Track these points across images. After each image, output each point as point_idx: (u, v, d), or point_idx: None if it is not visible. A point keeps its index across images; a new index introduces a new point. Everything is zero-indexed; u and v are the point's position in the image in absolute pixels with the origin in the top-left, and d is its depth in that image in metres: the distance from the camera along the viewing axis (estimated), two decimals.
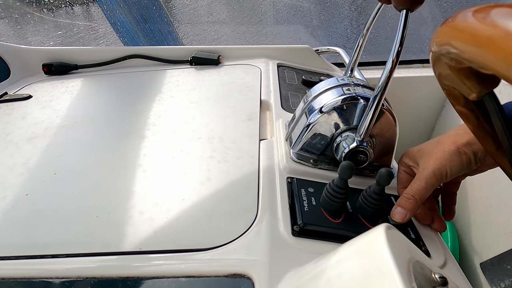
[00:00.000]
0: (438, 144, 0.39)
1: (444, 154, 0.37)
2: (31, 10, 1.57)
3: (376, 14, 0.45)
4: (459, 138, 0.37)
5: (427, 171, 0.37)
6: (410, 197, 0.37)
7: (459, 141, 0.37)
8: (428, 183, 0.37)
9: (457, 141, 0.37)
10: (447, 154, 0.37)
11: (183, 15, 1.73)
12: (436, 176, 0.37)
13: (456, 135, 0.38)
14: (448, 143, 0.37)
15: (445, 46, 0.20)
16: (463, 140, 0.37)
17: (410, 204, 0.37)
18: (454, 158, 0.36)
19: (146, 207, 0.41)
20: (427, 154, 0.39)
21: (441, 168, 0.36)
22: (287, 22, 1.79)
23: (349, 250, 0.26)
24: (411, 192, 0.37)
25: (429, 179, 0.37)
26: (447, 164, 0.36)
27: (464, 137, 0.37)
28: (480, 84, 0.21)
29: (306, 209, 0.38)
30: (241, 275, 0.32)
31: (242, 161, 0.48)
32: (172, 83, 0.74)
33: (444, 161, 0.36)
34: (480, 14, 0.17)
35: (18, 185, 0.45)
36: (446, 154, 0.37)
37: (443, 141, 0.38)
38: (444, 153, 0.37)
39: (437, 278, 0.24)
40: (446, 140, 0.38)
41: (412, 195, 0.37)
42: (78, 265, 0.34)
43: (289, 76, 0.79)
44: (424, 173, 0.37)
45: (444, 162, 0.36)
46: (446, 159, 0.36)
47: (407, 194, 0.37)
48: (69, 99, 0.68)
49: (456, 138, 0.37)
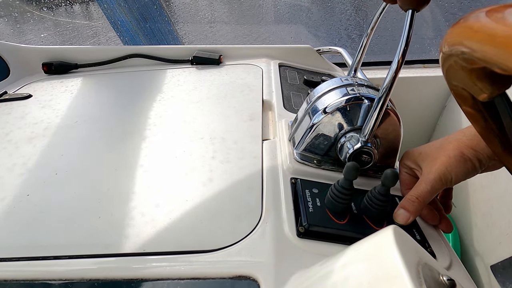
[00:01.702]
0: (441, 149, 0.38)
1: (449, 159, 0.37)
2: (30, 8, 1.56)
3: (380, 14, 0.45)
4: (462, 145, 0.37)
5: (432, 175, 0.37)
6: (414, 199, 0.37)
7: (463, 148, 0.37)
8: (434, 187, 0.37)
9: (460, 147, 0.37)
10: (452, 159, 0.36)
11: (184, 14, 1.73)
12: (442, 181, 0.37)
13: (458, 141, 0.38)
14: (452, 148, 0.37)
15: (457, 46, 0.19)
16: (467, 147, 0.37)
17: (414, 207, 0.37)
18: (459, 165, 0.36)
19: (148, 208, 0.40)
20: (431, 158, 0.38)
21: (447, 174, 0.36)
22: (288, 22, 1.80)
23: (356, 253, 0.26)
24: (416, 195, 0.37)
25: (434, 183, 0.37)
26: (452, 170, 0.36)
27: (467, 144, 0.37)
28: (493, 85, 0.20)
29: (310, 210, 0.37)
30: (246, 277, 0.32)
31: (245, 162, 0.47)
32: (173, 83, 0.73)
33: (449, 166, 0.36)
34: (497, 14, 0.17)
35: (19, 186, 0.44)
36: (451, 159, 0.36)
37: (446, 147, 0.38)
38: (449, 158, 0.37)
39: (445, 281, 0.24)
40: (449, 145, 0.38)
41: (416, 197, 0.37)
42: (81, 267, 0.34)
43: (291, 76, 0.79)
44: (429, 177, 0.37)
45: (449, 167, 0.36)
46: (451, 165, 0.36)
47: (411, 196, 0.37)
48: (69, 98, 0.68)
49: (460, 144, 0.37)
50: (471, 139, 0.37)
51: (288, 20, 1.90)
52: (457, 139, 0.38)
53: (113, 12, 1.40)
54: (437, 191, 0.37)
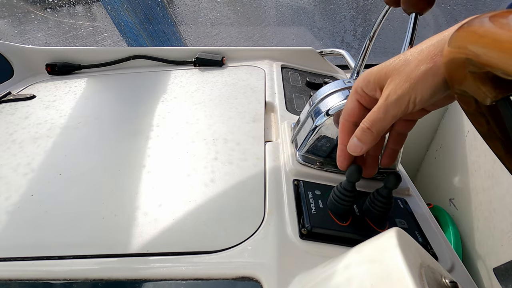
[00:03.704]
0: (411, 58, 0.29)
1: (416, 72, 0.28)
2: (34, 9, 1.57)
3: (383, 17, 0.45)
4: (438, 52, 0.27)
5: (390, 98, 0.29)
6: (365, 129, 0.32)
7: (438, 57, 0.27)
8: (389, 113, 0.30)
9: (436, 55, 0.27)
10: (419, 73, 0.28)
11: (187, 15, 1.74)
12: (401, 105, 0.29)
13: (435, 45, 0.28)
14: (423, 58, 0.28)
15: (461, 51, 0.20)
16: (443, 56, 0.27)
17: (366, 137, 0.32)
18: (427, 79, 0.28)
19: (152, 209, 0.40)
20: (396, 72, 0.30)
21: (409, 94, 0.28)
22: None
23: (359, 255, 0.26)
24: (368, 124, 0.32)
25: (391, 109, 0.30)
26: (417, 88, 0.28)
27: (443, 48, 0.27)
28: (496, 89, 0.20)
29: (313, 212, 0.37)
30: (249, 278, 0.32)
31: (247, 163, 0.48)
32: (176, 84, 0.73)
33: (414, 82, 0.28)
34: (502, 20, 0.17)
35: (23, 186, 0.44)
36: (418, 72, 0.28)
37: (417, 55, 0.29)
38: (417, 71, 0.28)
39: (447, 283, 0.24)
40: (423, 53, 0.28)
41: (368, 127, 0.32)
42: (85, 267, 0.34)
43: (293, 78, 0.79)
44: (387, 99, 0.30)
45: (414, 84, 0.28)
46: (416, 80, 0.28)
47: (363, 125, 0.32)
48: (72, 99, 0.68)
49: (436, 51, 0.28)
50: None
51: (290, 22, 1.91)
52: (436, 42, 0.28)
53: (117, 13, 1.41)
54: (394, 118, 0.30)
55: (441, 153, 1.14)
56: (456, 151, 1.03)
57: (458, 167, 1.01)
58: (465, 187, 0.98)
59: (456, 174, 1.02)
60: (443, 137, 1.14)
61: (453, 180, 1.03)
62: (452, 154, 1.06)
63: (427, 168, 1.22)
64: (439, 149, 1.15)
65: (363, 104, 0.34)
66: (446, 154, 1.10)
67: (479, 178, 0.91)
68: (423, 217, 0.42)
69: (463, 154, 0.99)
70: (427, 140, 1.22)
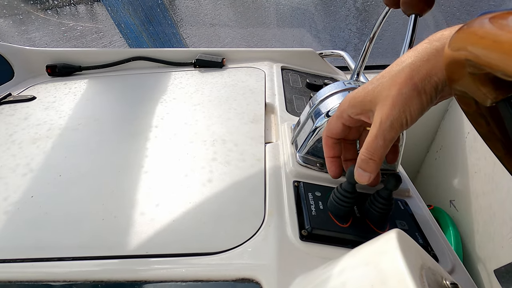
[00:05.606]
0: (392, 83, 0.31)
1: (401, 96, 0.30)
2: (34, 10, 1.57)
3: (383, 19, 0.45)
4: (415, 73, 0.30)
5: (384, 125, 0.31)
6: (368, 160, 0.33)
7: (416, 77, 0.30)
8: (387, 139, 0.32)
9: (413, 76, 0.30)
10: (404, 96, 0.30)
11: (187, 16, 1.74)
12: (396, 129, 0.31)
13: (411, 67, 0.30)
14: (403, 81, 0.30)
15: (461, 52, 0.20)
16: (421, 74, 0.30)
17: (370, 167, 0.33)
18: (413, 101, 0.30)
19: (151, 210, 0.40)
20: (382, 98, 0.32)
21: (400, 117, 0.30)
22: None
23: (359, 256, 0.26)
24: (369, 155, 0.33)
25: (387, 134, 0.31)
26: (406, 110, 0.30)
27: (422, 69, 0.30)
28: (497, 90, 0.20)
29: (313, 213, 0.37)
30: (249, 279, 0.32)
31: (247, 164, 0.48)
32: (175, 85, 0.73)
33: (401, 106, 0.30)
34: (502, 21, 0.17)
35: (23, 187, 0.44)
36: (403, 96, 0.30)
37: (396, 79, 0.31)
38: (401, 95, 0.30)
39: (448, 285, 0.24)
40: (401, 75, 0.31)
41: (370, 157, 0.33)
42: (84, 268, 0.34)
43: (293, 79, 0.79)
44: (381, 127, 0.31)
45: (402, 107, 0.30)
46: (403, 103, 0.30)
47: (365, 156, 0.33)
48: (72, 100, 0.68)
49: (412, 73, 0.30)
50: (426, 61, 0.30)
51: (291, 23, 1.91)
52: (410, 64, 0.31)
53: (118, 14, 1.41)
54: (391, 141, 0.32)
55: (441, 154, 1.14)
56: (456, 153, 1.03)
57: (458, 169, 1.01)
58: (465, 189, 0.98)
59: (456, 176, 1.02)
60: (443, 138, 1.14)
61: (453, 181, 1.03)
62: (452, 156, 1.06)
63: (427, 169, 1.22)
64: (439, 151, 1.15)
65: (347, 125, 0.37)
66: (446, 155, 1.10)
67: (479, 180, 0.91)
68: (423, 218, 0.42)
69: (463, 155, 0.99)
70: (428, 141, 1.22)
